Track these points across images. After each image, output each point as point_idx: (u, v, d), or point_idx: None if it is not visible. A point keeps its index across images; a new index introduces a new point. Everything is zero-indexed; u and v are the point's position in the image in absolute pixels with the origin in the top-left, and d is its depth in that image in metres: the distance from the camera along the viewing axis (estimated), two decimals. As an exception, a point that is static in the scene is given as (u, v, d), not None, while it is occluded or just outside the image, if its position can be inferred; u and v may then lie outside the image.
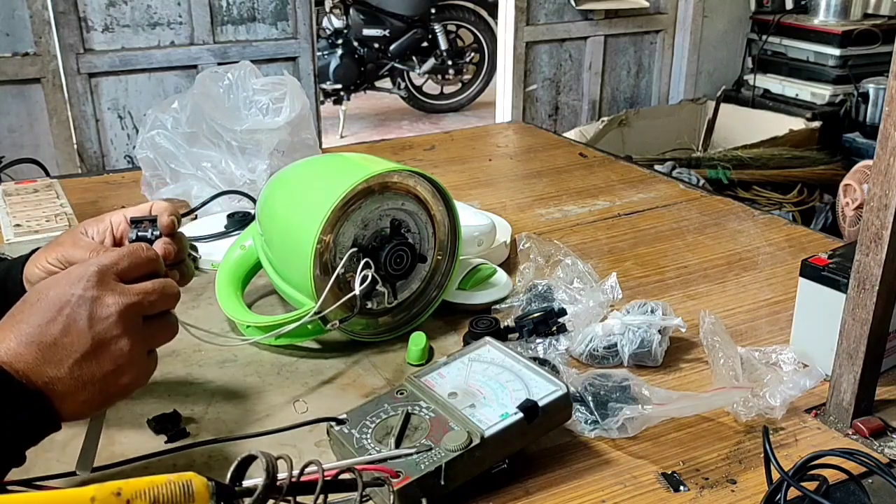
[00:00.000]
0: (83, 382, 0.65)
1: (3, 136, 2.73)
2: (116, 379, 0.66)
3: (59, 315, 0.64)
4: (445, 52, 5.54)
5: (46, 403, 0.63)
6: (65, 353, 0.64)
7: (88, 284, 0.66)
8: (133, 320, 0.67)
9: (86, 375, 0.65)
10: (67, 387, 0.64)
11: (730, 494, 0.77)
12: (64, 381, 0.64)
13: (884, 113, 0.74)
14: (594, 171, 1.70)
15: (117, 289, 0.67)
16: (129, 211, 0.82)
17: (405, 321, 1.05)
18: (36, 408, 0.63)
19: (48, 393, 0.63)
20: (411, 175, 1.01)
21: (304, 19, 3.09)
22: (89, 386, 0.65)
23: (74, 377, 0.64)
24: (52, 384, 0.63)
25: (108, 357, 0.65)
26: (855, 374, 0.83)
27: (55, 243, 0.80)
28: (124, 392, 0.68)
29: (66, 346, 0.64)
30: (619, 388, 0.85)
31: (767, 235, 1.35)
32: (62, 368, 0.64)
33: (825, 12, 3.84)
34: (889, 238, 0.76)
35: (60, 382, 0.64)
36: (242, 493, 0.55)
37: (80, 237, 0.80)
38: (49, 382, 0.63)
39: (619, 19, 3.81)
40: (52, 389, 0.63)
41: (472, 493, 0.75)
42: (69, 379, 0.64)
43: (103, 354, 0.65)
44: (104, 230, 0.81)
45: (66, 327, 0.64)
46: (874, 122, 3.43)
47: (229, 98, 1.44)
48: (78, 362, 0.64)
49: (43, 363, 0.63)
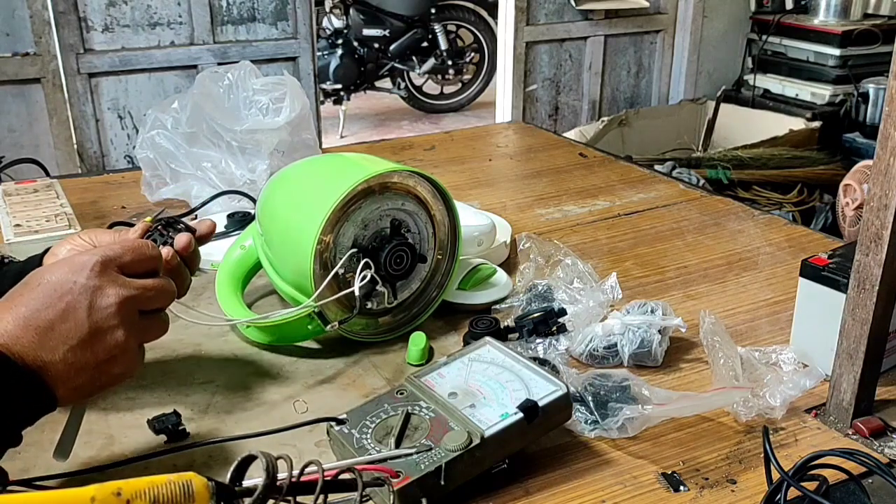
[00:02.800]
0: (77, 369, 0.65)
1: (3, 136, 2.73)
2: (109, 368, 0.68)
3: (58, 301, 0.65)
4: (445, 52, 5.54)
5: (42, 383, 0.64)
6: (61, 338, 0.65)
7: (91, 273, 0.67)
8: (130, 313, 0.69)
9: (80, 362, 0.66)
10: (61, 372, 0.65)
11: (730, 494, 0.77)
12: (58, 365, 0.64)
13: (884, 113, 0.74)
14: (594, 171, 1.70)
15: (118, 280, 0.69)
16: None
17: (405, 321, 1.05)
18: (32, 388, 0.64)
19: (43, 375, 0.64)
20: (411, 175, 1.01)
21: (304, 19, 3.09)
22: (82, 373, 0.66)
23: (69, 363, 0.65)
24: (46, 368, 0.64)
25: (103, 346, 0.67)
26: (855, 374, 0.83)
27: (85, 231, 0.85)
28: (114, 381, 0.69)
29: (64, 332, 0.65)
30: (619, 388, 0.85)
31: (767, 235, 1.35)
32: (57, 353, 0.64)
33: (825, 12, 3.84)
34: (889, 238, 0.76)
35: (54, 367, 0.64)
36: (242, 493, 0.55)
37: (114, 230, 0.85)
38: (43, 366, 0.64)
39: (619, 19, 3.81)
40: (46, 373, 0.64)
41: (472, 493, 0.75)
42: (63, 364, 0.65)
43: (99, 343, 0.66)
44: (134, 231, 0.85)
45: (65, 313, 0.65)
46: (874, 122, 3.43)
47: (229, 98, 1.44)
48: (73, 349, 0.65)
49: (39, 347, 0.64)
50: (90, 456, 0.81)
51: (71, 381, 0.66)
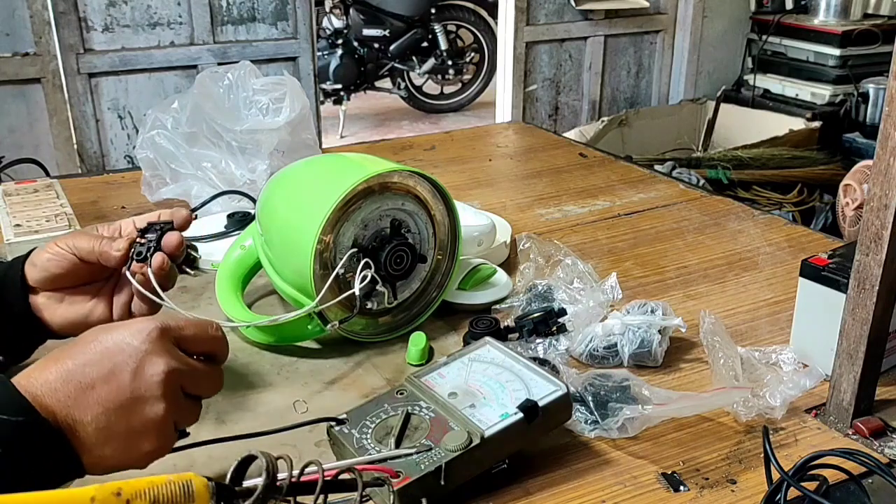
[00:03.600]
0: (107, 435, 0.62)
1: (3, 136, 2.73)
2: (140, 442, 0.64)
3: (107, 360, 0.62)
4: (445, 52, 5.54)
5: (68, 445, 0.60)
6: (99, 398, 0.61)
7: (147, 339, 0.64)
8: (175, 387, 0.65)
9: (112, 428, 0.62)
10: (90, 435, 0.61)
11: (730, 494, 0.77)
12: (87, 427, 0.61)
13: (884, 113, 0.74)
14: (594, 171, 1.70)
15: (172, 352, 0.65)
16: (138, 219, 0.85)
17: (405, 321, 1.05)
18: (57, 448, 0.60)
19: (70, 437, 0.61)
20: (411, 175, 1.01)
21: (304, 19, 3.09)
22: (111, 441, 0.62)
23: (100, 427, 0.61)
24: (75, 428, 0.61)
25: (140, 416, 0.63)
26: (855, 374, 0.83)
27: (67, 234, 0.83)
28: (143, 460, 0.65)
29: (103, 393, 0.62)
30: (619, 388, 0.85)
31: (767, 235, 1.35)
32: (90, 414, 0.61)
33: (825, 12, 3.84)
34: (889, 238, 0.76)
35: (83, 429, 0.61)
36: (242, 493, 0.55)
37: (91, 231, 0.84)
38: (73, 426, 0.60)
39: (619, 19, 3.81)
40: (74, 434, 0.61)
41: (472, 493, 0.75)
42: (93, 427, 0.61)
43: (136, 412, 0.63)
44: (114, 230, 0.84)
45: (110, 374, 0.62)
46: (874, 122, 3.42)
47: (229, 98, 1.44)
48: (108, 412, 0.62)
49: (74, 405, 0.61)
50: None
51: (98, 447, 0.62)
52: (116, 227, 0.84)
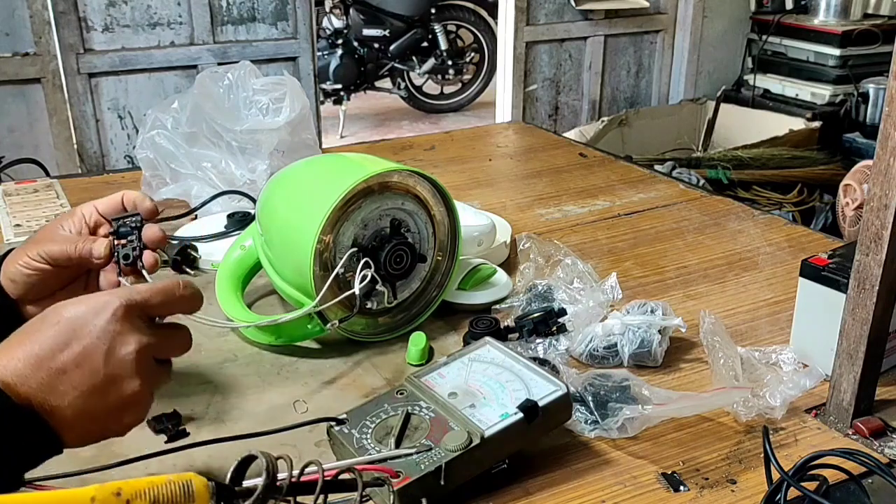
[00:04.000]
0: (86, 416, 0.62)
1: (3, 136, 2.73)
2: (119, 417, 0.64)
3: (75, 343, 0.62)
4: (445, 52, 5.54)
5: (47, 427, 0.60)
6: (73, 384, 0.61)
7: (112, 318, 0.63)
8: (148, 361, 0.65)
9: (90, 410, 0.62)
10: (68, 418, 0.61)
11: (730, 494, 0.77)
12: (65, 411, 0.61)
13: (884, 113, 0.74)
14: (594, 171, 1.70)
15: (140, 328, 0.65)
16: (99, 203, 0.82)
17: (405, 321, 1.05)
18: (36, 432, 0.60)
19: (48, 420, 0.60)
20: (411, 175, 1.01)
21: (304, 19, 3.09)
22: (91, 420, 0.62)
23: (78, 410, 0.61)
24: (52, 413, 0.60)
25: (117, 395, 0.63)
26: (855, 374, 0.83)
27: (33, 240, 0.79)
28: (124, 430, 0.66)
29: (76, 378, 0.61)
30: (619, 388, 0.85)
31: (767, 235, 1.35)
32: (66, 399, 0.61)
33: (825, 12, 3.84)
34: (889, 238, 0.76)
35: (61, 413, 0.61)
36: (242, 493, 0.55)
37: (57, 232, 0.80)
38: (50, 411, 0.60)
39: (619, 19, 3.81)
40: (52, 417, 0.60)
41: (472, 493, 0.75)
42: (71, 411, 0.61)
43: (112, 392, 0.63)
44: (78, 222, 0.81)
45: (81, 358, 0.61)
46: (874, 122, 3.42)
47: (229, 98, 1.44)
48: (84, 396, 0.61)
49: (48, 391, 0.60)
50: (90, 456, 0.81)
51: (78, 427, 0.62)
52: (79, 218, 0.80)
